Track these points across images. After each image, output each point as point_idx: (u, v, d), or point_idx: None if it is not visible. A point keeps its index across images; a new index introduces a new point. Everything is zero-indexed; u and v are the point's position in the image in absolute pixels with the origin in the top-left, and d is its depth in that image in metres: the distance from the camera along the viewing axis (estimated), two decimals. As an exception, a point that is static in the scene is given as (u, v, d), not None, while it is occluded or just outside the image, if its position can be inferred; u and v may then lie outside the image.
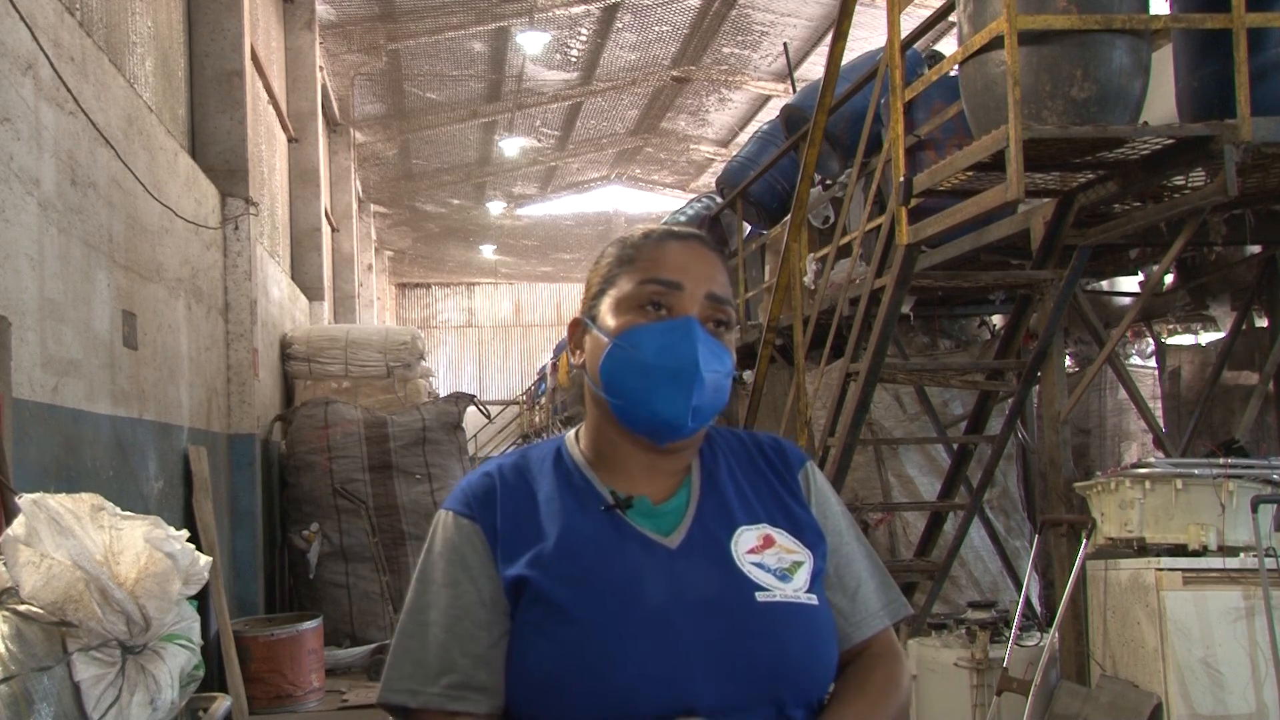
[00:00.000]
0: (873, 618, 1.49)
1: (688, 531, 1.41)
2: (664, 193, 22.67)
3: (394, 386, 10.57)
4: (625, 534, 1.40)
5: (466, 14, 13.89)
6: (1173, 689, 4.29)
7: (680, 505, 1.44)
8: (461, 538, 1.41)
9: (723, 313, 1.45)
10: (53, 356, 4.46)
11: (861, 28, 10.47)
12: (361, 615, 8.70)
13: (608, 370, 1.43)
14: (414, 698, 1.36)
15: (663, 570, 1.37)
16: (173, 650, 3.80)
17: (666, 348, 1.40)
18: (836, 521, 1.52)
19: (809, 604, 1.39)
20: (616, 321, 1.44)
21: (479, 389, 30.66)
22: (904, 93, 4.68)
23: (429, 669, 1.36)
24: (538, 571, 1.36)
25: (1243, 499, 4.40)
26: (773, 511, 1.46)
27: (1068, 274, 4.95)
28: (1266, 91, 3.84)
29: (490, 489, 1.45)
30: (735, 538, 1.41)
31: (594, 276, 1.53)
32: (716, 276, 1.46)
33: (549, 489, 1.45)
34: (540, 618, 1.35)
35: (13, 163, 4.13)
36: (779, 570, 1.39)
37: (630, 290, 1.45)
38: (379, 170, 19.65)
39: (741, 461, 1.52)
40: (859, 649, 1.47)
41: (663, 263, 1.45)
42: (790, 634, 1.36)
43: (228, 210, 7.63)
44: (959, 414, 7.04)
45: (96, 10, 5.58)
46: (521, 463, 1.50)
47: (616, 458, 1.46)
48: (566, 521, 1.40)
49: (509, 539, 1.40)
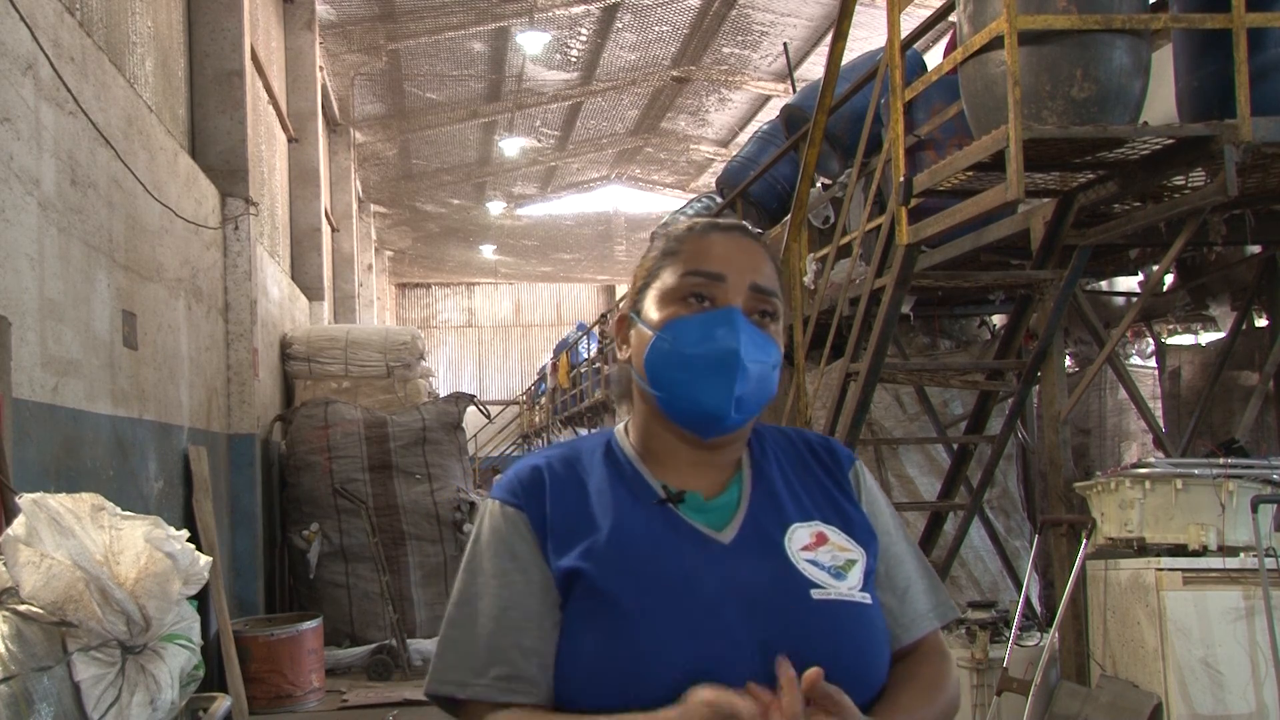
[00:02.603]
0: (922, 619, 1.48)
1: (740, 527, 1.40)
2: (664, 193, 22.67)
3: (394, 386, 10.56)
4: (678, 528, 1.39)
5: (466, 14, 13.89)
6: (1173, 689, 4.29)
7: (731, 501, 1.43)
8: (510, 527, 1.40)
9: (768, 304, 1.44)
10: (53, 356, 4.46)
11: (861, 28, 10.47)
12: (361, 615, 8.70)
13: (652, 363, 1.42)
14: (463, 689, 1.35)
15: (717, 565, 1.36)
16: (173, 650, 3.80)
17: (708, 338, 1.39)
18: (886, 521, 1.51)
19: (863, 603, 1.38)
20: (660, 314, 1.43)
21: (479, 389, 30.66)
22: (904, 93, 4.68)
23: (478, 660, 1.35)
24: (591, 564, 1.35)
25: (1243, 499, 4.40)
26: (824, 509, 1.46)
27: (1068, 274, 4.95)
28: (1266, 91, 3.84)
29: (539, 479, 1.43)
30: (789, 534, 1.40)
31: (639, 271, 1.52)
32: (761, 267, 1.45)
33: (600, 481, 1.44)
34: (593, 610, 1.33)
35: (13, 163, 4.13)
36: (833, 568, 1.38)
37: (673, 283, 1.44)
38: (379, 170, 19.64)
39: (791, 459, 1.51)
40: (908, 650, 1.46)
41: (705, 254, 1.44)
42: (845, 632, 1.35)
43: (228, 210, 7.63)
44: (959, 414, 7.04)
45: (96, 10, 5.58)
46: (571, 454, 1.48)
47: (665, 452, 1.45)
48: (619, 514, 1.39)
49: (560, 530, 1.39)
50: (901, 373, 6.13)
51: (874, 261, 5.49)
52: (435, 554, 9.05)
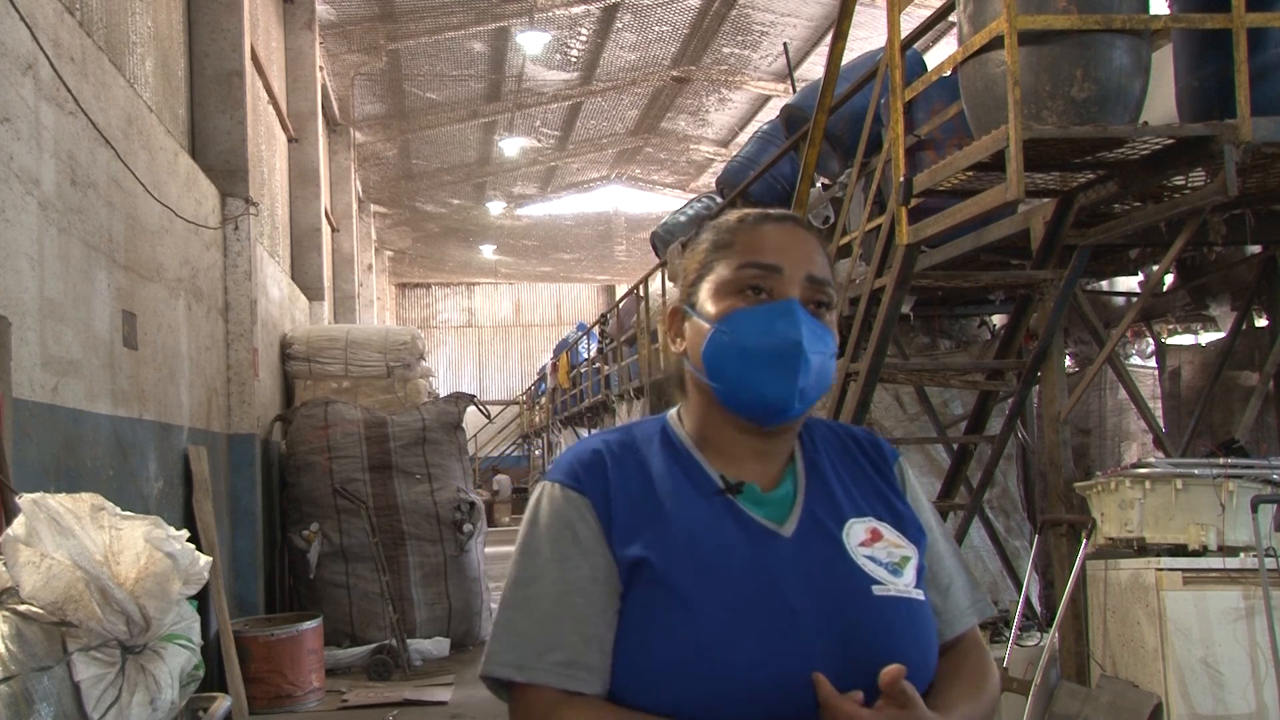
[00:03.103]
0: (963, 615, 1.50)
1: (799, 521, 1.40)
2: (664, 193, 22.67)
3: (394, 386, 10.56)
4: (741, 520, 1.39)
5: (466, 14, 13.89)
6: (1173, 689, 4.29)
7: (788, 494, 1.43)
8: (571, 510, 1.38)
9: (823, 294, 1.44)
10: (53, 356, 4.46)
11: (861, 28, 10.48)
12: (361, 615, 8.70)
13: (711, 355, 1.42)
14: (520, 671, 1.32)
15: (781, 559, 1.36)
16: (173, 650, 3.80)
17: (769, 331, 1.39)
18: (928, 518, 1.52)
19: (919, 599, 1.39)
20: (717, 307, 1.43)
21: (479, 389, 30.67)
22: (904, 93, 4.68)
23: (535, 643, 1.32)
24: (656, 553, 1.34)
25: (1243, 499, 4.40)
26: (875, 505, 1.46)
27: (1068, 274, 4.95)
28: (1266, 91, 3.85)
29: (600, 462, 1.42)
30: (846, 529, 1.41)
31: (690, 264, 1.51)
32: (815, 258, 1.45)
33: (660, 468, 1.43)
34: (657, 601, 1.32)
35: (13, 163, 4.13)
36: (890, 564, 1.39)
37: (729, 275, 1.43)
38: (379, 170, 19.65)
39: (839, 453, 1.51)
40: (949, 644, 1.48)
41: (760, 246, 1.44)
42: (904, 629, 1.36)
43: (228, 210, 7.63)
44: (959, 414, 7.04)
45: (96, 10, 5.58)
46: (627, 439, 1.47)
47: (723, 441, 1.45)
48: (680, 504, 1.39)
49: (623, 516, 1.37)
50: (901, 373, 6.13)
51: (874, 261, 5.49)
52: (435, 554, 9.05)
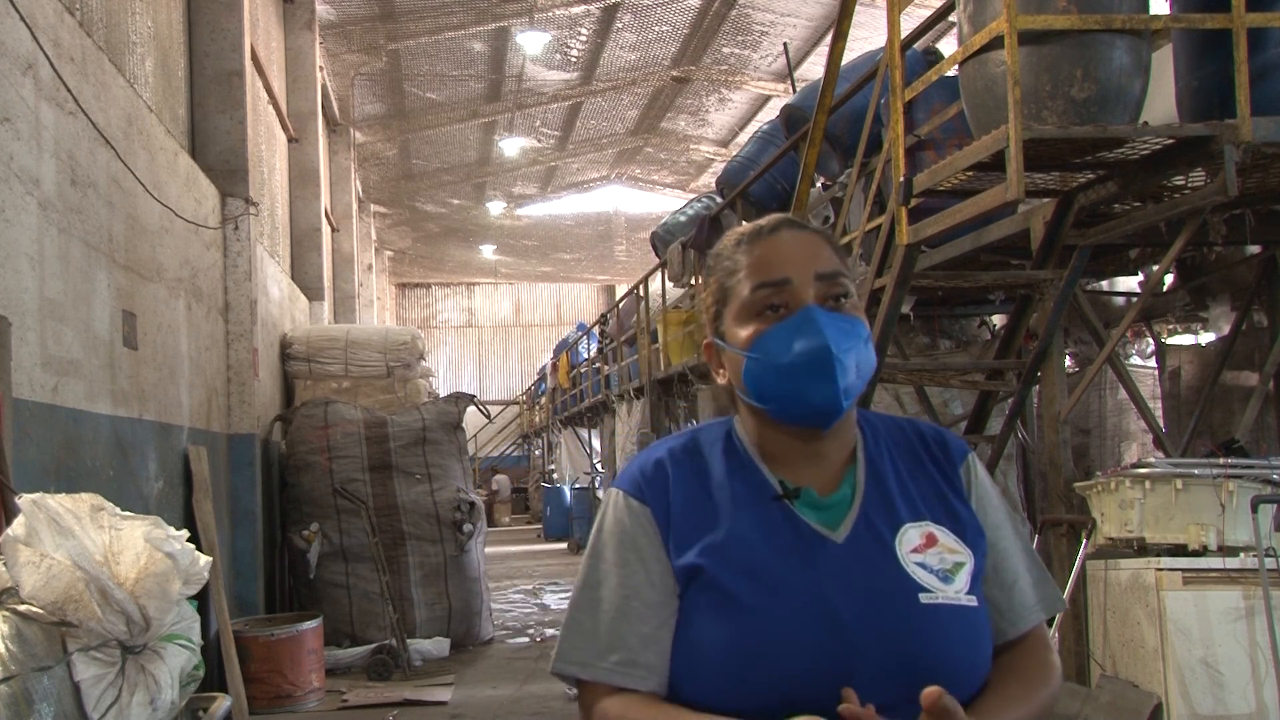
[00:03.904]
0: (1029, 612, 1.50)
1: (853, 527, 1.43)
2: (664, 193, 22.67)
3: (394, 386, 10.56)
4: (795, 526, 1.43)
5: (466, 14, 13.89)
6: (1173, 689, 4.29)
7: (845, 498, 1.47)
8: (632, 519, 1.46)
9: (837, 286, 1.46)
10: (53, 356, 4.46)
11: (861, 28, 10.48)
12: (361, 615, 8.69)
13: (751, 380, 1.47)
14: (585, 670, 1.43)
15: (831, 565, 1.40)
16: (173, 650, 3.80)
17: (795, 344, 1.42)
18: (996, 515, 1.53)
19: (969, 606, 1.40)
20: (744, 334, 1.47)
21: (479, 389, 30.67)
22: (904, 93, 4.68)
23: (600, 644, 1.42)
24: (711, 560, 1.41)
25: (1243, 499, 4.40)
26: (935, 509, 1.48)
27: (1068, 274, 4.95)
28: (1266, 91, 3.85)
29: (663, 473, 1.49)
30: (900, 535, 1.43)
31: (706, 299, 1.56)
32: (818, 253, 1.48)
33: (720, 474, 1.49)
34: (711, 604, 1.39)
35: (13, 163, 4.13)
36: (941, 571, 1.41)
37: (745, 300, 1.48)
38: (379, 170, 19.65)
39: (904, 453, 1.53)
40: (1013, 642, 1.48)
41: (766, 263, 1.47)
42: (951, 637, 1.38)
43: (228, 210, 7.63)
44: (959, 414, 7.04)
45: (96, 10, 5.58)
46: (692, 445, 1.53)
47: (779, 449, 1.49)
48: (739, 510, 1.45)
49: (681, 525, 1.44)
50: (901, 373, 6.13)
51: (874, 261, 5.49)
52: (435, 554, 9.05)
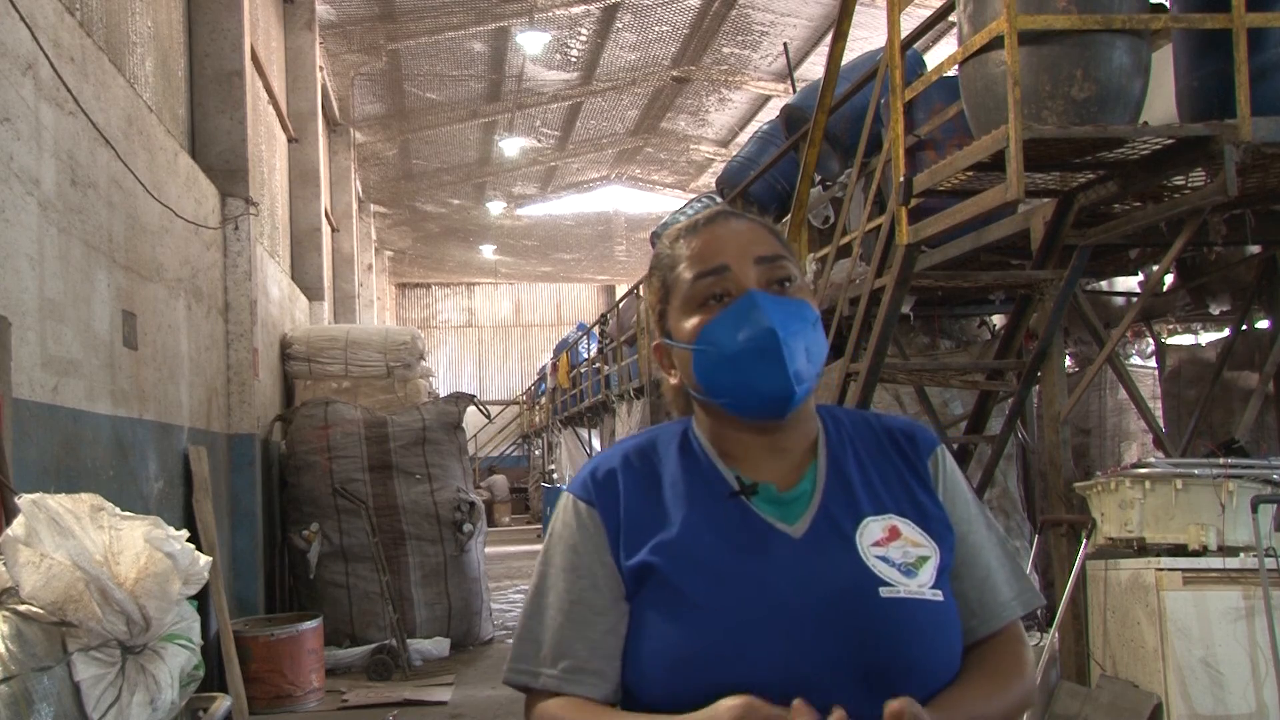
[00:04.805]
0: (1003, 608, 1.46)
1: (812, 521, 1.39)
2: (664, 193, 22.67)
3: (394, 386, 10.56)
4: (750, 522, 1.39)
5: (466, 14, 13.89)
6: (1173, 689, 4.29)
7: (805, 493, 1.42)
8: (579, 523, 1.44)
9: (779, 269, 1.44)
10: (53, 356, 4.46)
11: (861, 28, 10.48)
12: (361, 615, 8.69)
13: (701, 374, 1.43)
14: (535, 679, 1.41)
15: (786, 560, 1.36)
16: (173, 650, 3.80)
17: (741, 330, 1.39)
18: (966, 509, 1.49)
19: (933, 601, 1.36)
20: (689, 326, 1.44)
21: (479, 389, 30.67)
22: (904, 93, 4.68)
23: (548, 652, 1.40)
24: (661, 558, 1.37)
25: (1243, 499, 4.40)
26: (900, 501, 1.44)
27: (1068, 274, 4.95)
28: (1266, 91, 3.85)
29: (613, 473, 1.46)
30: (861, 529, 1.39)
31: (650, 298, 1.54)
32: (757, 238, 1.46)
33: (674, 473, 1.45)
34: (663, 603, 1.36)
35: (13, 163, 4.13)
36: (904, 565, 1.37)
37: (686, 293, 1.45)
38: (379, 170, 19.65)
39: (869, 447, 1.49)
40: (988, 638, 1.45)
41: (702, 253, 1.45)
42: (912, 631, 1.33)
43: (228, 210, 7.63)
44: (959, 414, 7.04)
45: (96, 10, 5.58)
46: (647, 445, 1.50)
47: (737, 445, 1.46)
48: (691, 507, 1.41)
49: (631, 526, 1.41)
50: (901, 373, 6.13)
51: (874, 261, 5.49)
52: (435, 554, 9.05)
